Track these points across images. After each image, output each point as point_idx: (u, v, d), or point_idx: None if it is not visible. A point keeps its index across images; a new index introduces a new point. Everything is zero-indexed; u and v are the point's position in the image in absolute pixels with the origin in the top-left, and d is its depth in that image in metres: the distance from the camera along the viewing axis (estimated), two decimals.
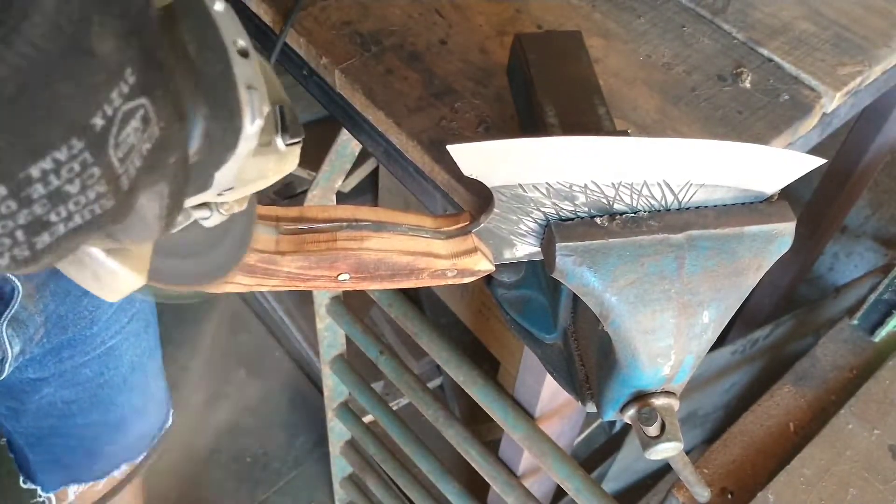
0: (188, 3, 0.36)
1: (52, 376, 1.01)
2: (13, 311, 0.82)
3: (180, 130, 0.32)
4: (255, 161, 0.40)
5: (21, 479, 1.24)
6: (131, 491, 1.37)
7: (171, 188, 0.33)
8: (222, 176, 0.38)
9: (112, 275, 0.37)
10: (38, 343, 0.90)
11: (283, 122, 0.42)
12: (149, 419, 1.23)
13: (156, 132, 0.30)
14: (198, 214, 0.42)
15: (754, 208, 0.50)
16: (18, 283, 0.81)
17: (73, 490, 1.23)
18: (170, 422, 1.28)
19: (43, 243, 0.28)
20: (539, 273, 0.60)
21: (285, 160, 0.43)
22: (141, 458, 1.26)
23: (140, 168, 0.30)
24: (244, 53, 0.37)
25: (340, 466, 1.41)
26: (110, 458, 1.22)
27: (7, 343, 0.83)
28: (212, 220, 0.42)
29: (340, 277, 0.50)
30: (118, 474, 1.23)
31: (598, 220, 0.49)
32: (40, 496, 1.24)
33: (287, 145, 0.42)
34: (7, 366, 0.86)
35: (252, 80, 0.36)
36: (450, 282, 0.53)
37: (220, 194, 0.40)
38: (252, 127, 0.36)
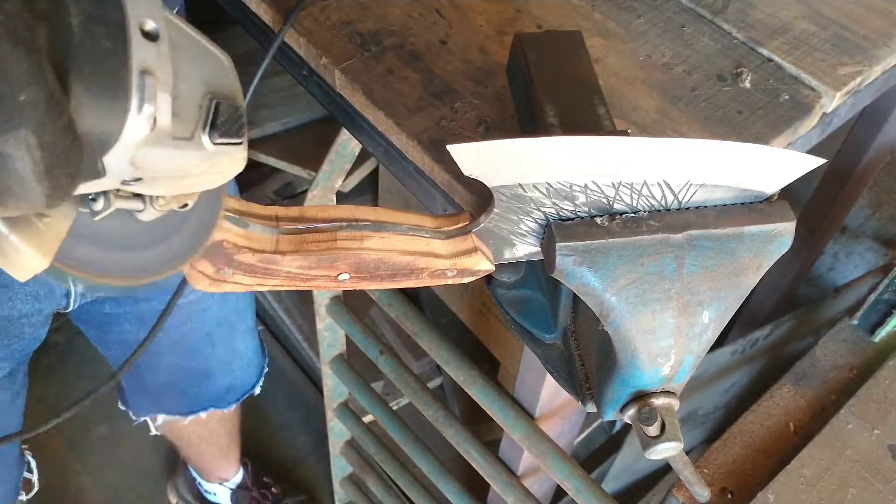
0: None
1: (129, 314, 1.07)
2: None
3: (26, 66, 0.30)
4: (168, 154, 0.38)
5: (119, 401, 1.31)
6: (227, 431, 1.50)
7: (39, 139, 0.31)
8: (116, 162, 0.36)
9: (15, 251, 0.35)
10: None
11: (214, 119, 0.39)
12: (235, 375, 1.28)
13: None
14: (126, 205, 0.40)
15: (754, 208, 0.50)
16: None
17: (161, 417, 1.28)
18: (261, 383, 1.34)
19: None
20: (539, 273, 0.60)
21: (216, 160, 0.40)
22: (229, 409, 1.32)
23: None
24: (151, 36, 0.35)
25: (340, 466, 1.41)
26: (195, 399, 1.28)
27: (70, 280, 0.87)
28: (146, 213, 0.41)
29: (340, 277, 0.50)
30: (204, 415, 1.28)
31: (598, 219, 0.49)
32: (133, 418, 1.30)
33: (216, 144, 0.39)
34: (73, 300, 0.88)
35: (151, 64, 0.35)
36: (450, 282, 0.53)
37: (127, 183, 0.38)
38: (140, 114, 0.34)
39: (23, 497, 1.17)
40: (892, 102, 1.04)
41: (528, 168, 0.48)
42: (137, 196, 0.40)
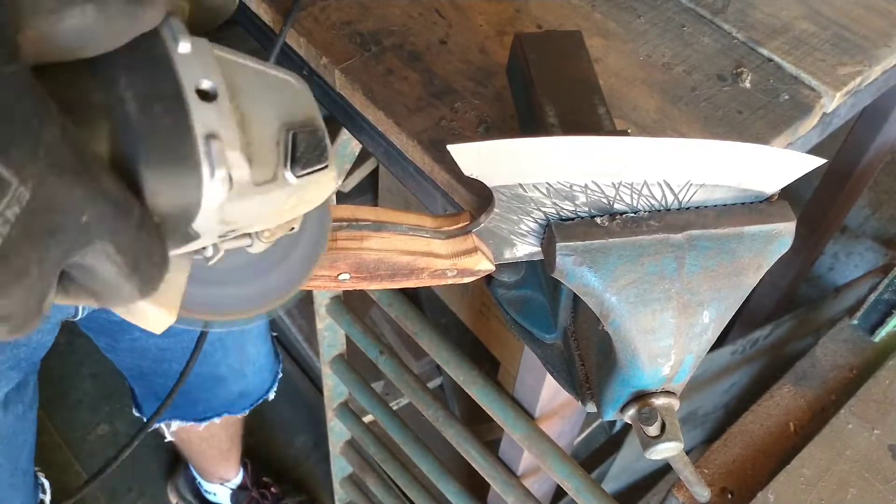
0: (138, 52, 0.33)
1: None
2: None
3: (80, 191, 0.30)
4: (255, 202, 0.37)
5: (134, 409, 1.32)
6: (228, 435, 1.50)
7: (116, 246, 0.31)
8: (206, 224, 0.35)
9: (143, 312, 0.36)
10: None
11: (294, 151, 0.38)
12: (247, 380, 1.28)
13: (23, 194, 0.27)
14: (234, 245, 0.40)
15: (754, 208, 0.50)
16: None
17: (175, 424, 1.29)
18: (275, 388, 1.35)
19: None
20: (539, 273, 0.60)
21: (305, 189, 0.39)
22: (242, 414, 1.32)
23: (9, 234, 0.27)
24: (209, 96, 0.34)
25: (340, 466, 1.41)
26: (209, 404, 1.28)
27: None
28: (255, 247, 0.40)
29: (340, 277, 0.50)
30: (218, 421, 1.28)
31: (598, 219, 0.49)
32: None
33: (300, 177, 0.38)
34: (80, 308, 0.88)
35: (215, 127, 0.34)
36: (450, 282, 0.53)
37: (225, 236, 0.38)
38: (214, 179, 0.34)
39: None
40: (893, 102, 1.04)
41: (529, 168, 0.48)
42: (244, 234, 0.40)
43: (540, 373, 0.87)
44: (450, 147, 0.46)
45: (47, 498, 1.17)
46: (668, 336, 0.49)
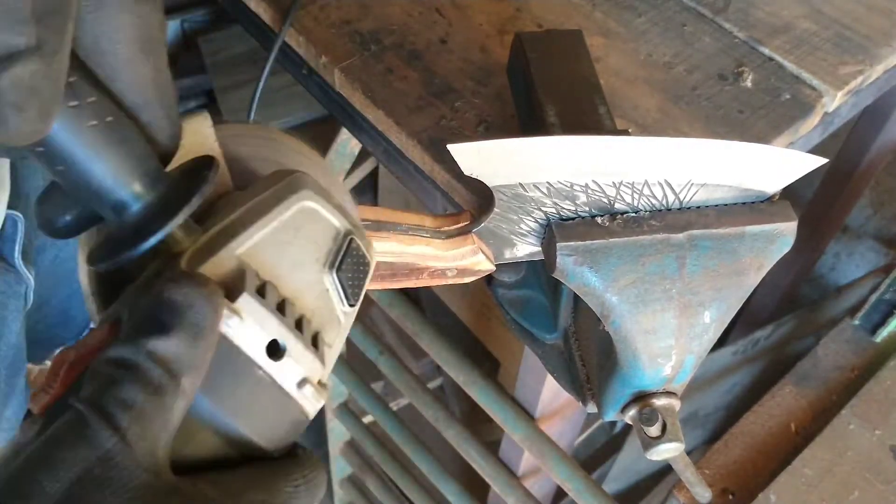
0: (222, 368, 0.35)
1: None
2: (21, 244, 0.87)
3: None
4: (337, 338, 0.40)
5: None
6: None
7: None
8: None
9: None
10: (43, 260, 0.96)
11: (344, 289, 0.40)
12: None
13: None
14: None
15: (755, 208, 0.50)
16: (20, 215, 0.85)
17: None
18: None
19: None
20: (540, 273, 0.60)
21: (349, 321, 0.41)
22: None
23: None
24: (280, 354, 0.36)
25: (340, 467, 1.41)
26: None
27: (27, 273, 0.89)
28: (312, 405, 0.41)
29: None
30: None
31: (599, 219, 0.49)
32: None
33: (352, 305, 0.41)
34: (31, 293, 0.91)
35: (297, 374, 0.36)
36: (450, 281, 0.53)
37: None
38: (313, 407, 0.37)
39: None
40: (894, 102, 1.04)
41: (529, 167, 0.47)
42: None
43: (540, 373, 0.87)
44: (450, 146, 0.46)
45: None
46: (669, 336, 0.48)
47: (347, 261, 0.40)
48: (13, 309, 0.88)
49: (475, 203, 0.59)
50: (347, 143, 0.95)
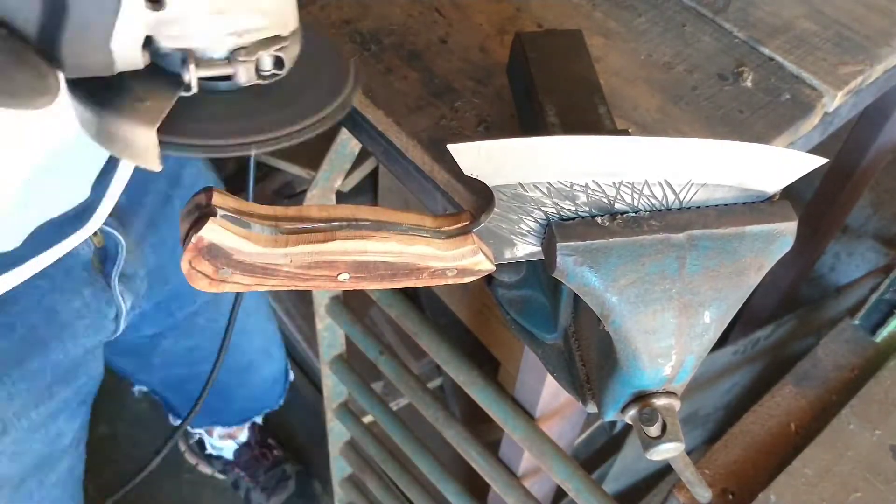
0: None
1: (167, 329, 1.08)
2: (121, 266, 0.86)
3: None
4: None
5: (170, 417, 1.31)
6: None
7: None
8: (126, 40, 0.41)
9: (129, 142, 0.41)
10: (146, 296, 0.95)
11: None
12: (275, 361, 1.27)
13: None
14: (214, 72, 0.43)
15: (756, 208, 0.50)
16: (121, 238, 0.85)
17: (217, 431, 1.28)
18: (291, 371, 1.35)
19: None
20: (539, 273, 0.60)
21: None
22: (277, 405, 1.34)
23: None
24: None
25: (340, 467, 1.41)
26: (247, 402, 1.27)
27: (120, 298, 0.88)
28: (240, 75, 0.44)
29: (340, 277, 0.50)
30: (259, 419, 1.28)
31: (598, 219, 0.49)
32: (193, 432, 1.29)
33: None
34: (122, 321, 0.91)
35: None
36: (450, 281, 0.52)
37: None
38: None
39: None
40: (894, 102, 1.04)
41: (529, 167, 0.47)
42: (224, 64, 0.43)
43: (540, 373, 0.87)
44: (450, 146, 0.46)
45: None
46: (669, 336, 0.48)
47: None
48: (95, 328, 0.86)
49: (475, 203, 0.59)
50: (347, 143, 0.95)
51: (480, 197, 0.58)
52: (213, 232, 0.46)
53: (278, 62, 0.46)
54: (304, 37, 0.49)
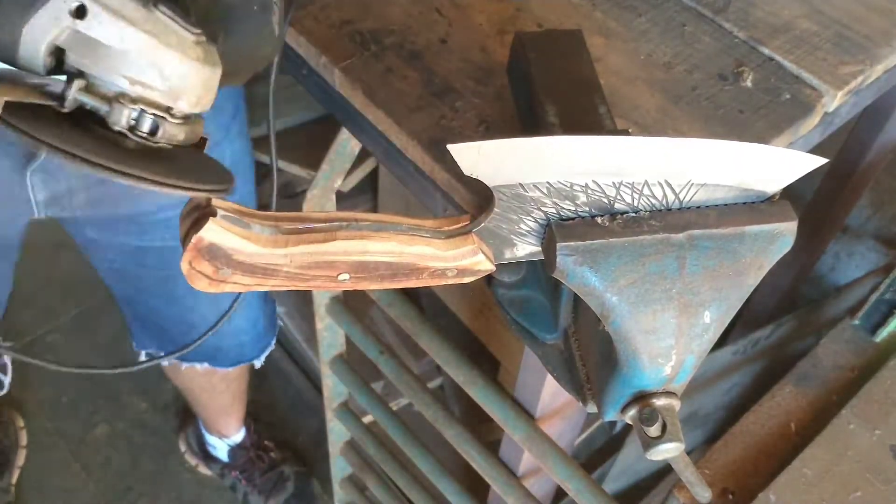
0: None
1: (112, 244, 1.08)
2: (39, 161, 0.87)
3: None
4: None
5: (132, 340, 1.31)
6: (231, 391, 1.52)
7: None
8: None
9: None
10: (82, 206, 0.96)
11: None
12: (222, 338, 1.26)
13: None
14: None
15: (756, 208, 0.50)
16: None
17: (166, 360, 1.28)
18: (261, 359, 1.31)
19: None
20: (540, 273, 0.60)
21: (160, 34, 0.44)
22: (225, 369, 1.31)
23: None
24: None
25: (340, 467, 1.41)
26: (201, 348, 1.24)
27: (31, 187, 0.89)
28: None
29: (340, 277, 0.50)
30: (199, 367, 1.28)
31: (599, 219, 0.49)
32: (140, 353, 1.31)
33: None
34: (35, 207, 0.92)
35: None
36: (450, 282, 0.52)
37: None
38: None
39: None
40: (894, 102, 1.04)
41: (529, 167, 0.47)
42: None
43: (540, 373, 0.87)
44: (450, 146, 0.46)
45: (6, 379, 1.17)
46: (669, 336, 0.48)
47: None
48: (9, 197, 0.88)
49: (475, 203, 0.59)
50: (347, 143, 0.95)
51: (480, 197, 0.58)
52: (213, 232, 0.46)
53: (154, 130, 0.46)
54: (200, 157, 0.51)
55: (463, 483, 1.07)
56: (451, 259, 0.51)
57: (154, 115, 0.46)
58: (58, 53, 0.45)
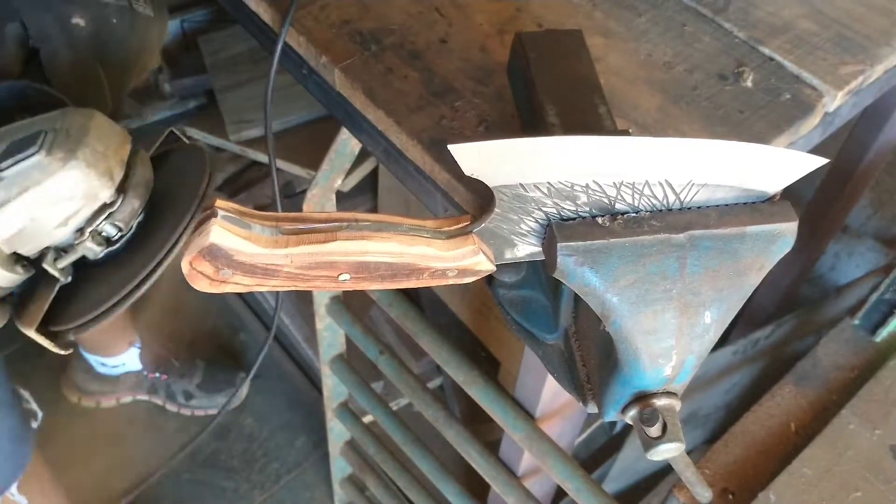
0: None
1: None
2: None
3: None
4: None
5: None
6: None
7: None
8: None
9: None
10: None
11: None
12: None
13: None
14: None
15: (756, 208, 0.50)
16: None
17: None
18: (14, 482, 1.17)
19: None
20: (540, 273, 0.60)
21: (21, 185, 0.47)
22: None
23: None
24: None
25: (340, 467, 1.41)
26: None
27: None
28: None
29: (340, 277, 0.50)
30: None
31: (599, 219, 0.49)
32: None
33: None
34: None
35: None
36: (450, 282, 0.52)
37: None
38: None
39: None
40: (894, 102, 1.04)
41: (529, 167, 0.47)
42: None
43: (540, 373, 0.87)
44: (450, 146, 0.46)
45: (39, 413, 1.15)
46: (670, 336, 0.48)
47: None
48: None
49: (475, 203, 0.59)
50: (347, 143, 0.95)
51: (480, 197, 0.58)
52: (214, 232, 0.46)
53: (116, 227, 0.50)
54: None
55: (463, 483, 1.08)
56: (451, 259, 0.51)
57: (103, 221, 0.49)
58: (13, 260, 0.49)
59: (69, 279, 0.48)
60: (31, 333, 0.47)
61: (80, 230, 0.49)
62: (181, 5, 1.93)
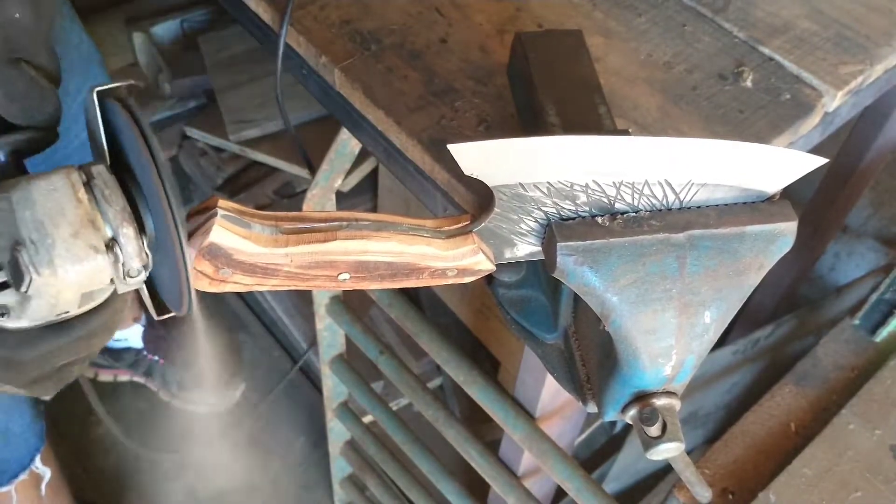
0: None
1: None
2: None
3: None
4: None
5: None
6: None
7: None
8: None
9: None
10: None
11: None
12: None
13: None
14: None
15: (756, 208, 0.50)
16: None
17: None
18: (32, 466, 1.20)
19: None
20: (540, 273, 0.60)
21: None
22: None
23: None
24: None
25: (340, 467, 1.41)
26: None
27: None
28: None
29: (340, 277, 0.50)
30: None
31: (599, 219, 0.49)
32: None
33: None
34: None
35: None
36: (450, 281, 0.52)
37: None
38: None
39: None
40: (894, 102, 1.04)
41: (529, 167, 0.47)
42: None
43: (540, 373, 0.87)
44: (450, 146, 0.46)
45: None
46: (670, 336, 0.48)
47: None
48: None
49: (475, 203, 0.59)
50: (347, 143, 0.95)
51: (480, 197, 0.58)
52: (214, 232, 0.46)
53: (136, 264, 0.48)
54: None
55: (463, 483, 1.07)
56: (451, 259, 0.51)
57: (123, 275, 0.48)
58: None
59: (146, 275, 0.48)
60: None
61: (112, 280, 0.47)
62: (181, 5, 1.93)
